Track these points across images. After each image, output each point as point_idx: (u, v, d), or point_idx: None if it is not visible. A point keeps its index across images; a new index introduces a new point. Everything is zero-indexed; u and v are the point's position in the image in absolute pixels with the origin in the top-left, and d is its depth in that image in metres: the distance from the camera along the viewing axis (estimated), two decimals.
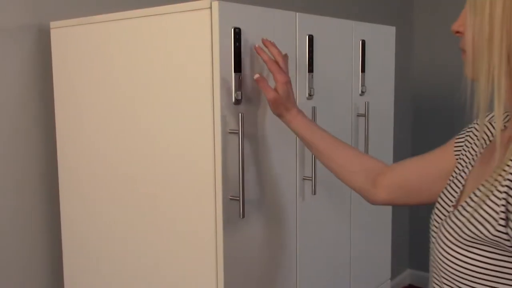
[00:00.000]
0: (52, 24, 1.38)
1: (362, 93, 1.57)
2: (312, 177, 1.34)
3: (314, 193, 1.35)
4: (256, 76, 1.09)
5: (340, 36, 1.45)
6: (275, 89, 1.13)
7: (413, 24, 3.23)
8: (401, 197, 1.08)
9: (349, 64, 1.51)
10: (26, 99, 1.43)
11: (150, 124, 1.20)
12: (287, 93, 1.13)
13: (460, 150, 0.97)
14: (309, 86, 1.34)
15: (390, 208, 1.78)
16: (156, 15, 1.16)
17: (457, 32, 0.80)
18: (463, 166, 0.91)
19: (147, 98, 1.20)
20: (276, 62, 1.14)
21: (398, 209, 3.14)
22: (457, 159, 0.97)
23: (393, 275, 3.20)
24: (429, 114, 3.20)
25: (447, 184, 0.92)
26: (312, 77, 1.34)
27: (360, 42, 1.53)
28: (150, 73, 1.19)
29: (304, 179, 1.35)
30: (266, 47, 1.15)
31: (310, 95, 1.34)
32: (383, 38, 1.66)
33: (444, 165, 1.00)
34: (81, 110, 1.35)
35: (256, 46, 1.11)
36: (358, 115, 1.56)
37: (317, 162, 1.38)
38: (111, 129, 1.28)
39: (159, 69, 1.17)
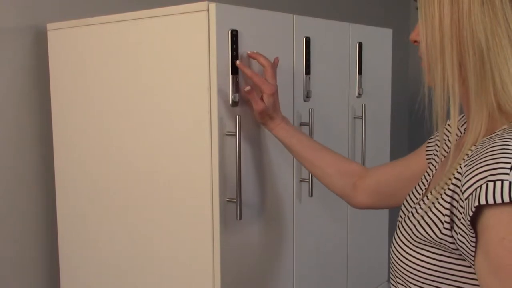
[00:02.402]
0: (49, 25, 1.38)
1: (359, 95, 1.57)
2: (309, 179, 1.34)
3: (311, 195, 1.36)
4: (247, 88, 1.10)
5: (337, 38, 1.46)
6: (262, 99, 1.13)
7: (410, 26, 3.23)
8: (380, 200, 1.12)
9: (346, 66, 1.51)
10: (22, 100, 1.42)
11: (147, 126, 1.20)
12: (273, 104, 1.14)
13: (431, 153, 1.00)
14: (306, 88, 1.34)
15: (386, 210, 1.78)
16: (153, 17, 1.16)
17: (415, 41, 0.83)
18: (430, 169, 0.94)
19: (144, 100, 1.20)
20: (259, 73, 1.14)
21: (395, 211, 3.15)
22: (428, 162, 1.00)
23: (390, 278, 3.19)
24: (425, 116, 3.20)
25: (415, 185, 0.95)
26: (309, 79, 1.35)
27: (357, 44, 1.53)
28: (147, 75, 1.18)
29: (301, 181, 1.35)
30: (254, 59, 1.14)
31: (307, 97, 1.34)
32: (380, 41, 1.67)
33: (417, 168, 1.04)
34: (78, 111, 1.34)
35: (238, 63, 1.10)
36: (355, 117, 1.56)
37: None
38: (108, 130, 1.28)
39: (156, 71, 1.17)
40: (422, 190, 0.90)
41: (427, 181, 0.91)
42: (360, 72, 1.56)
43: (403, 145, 3.22)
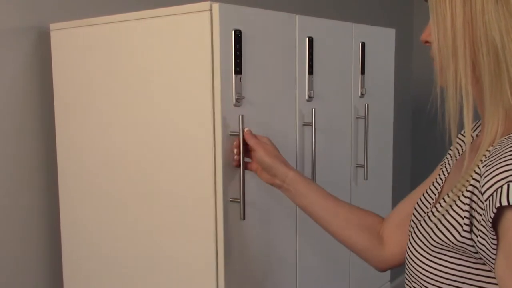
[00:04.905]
0: (52, 26, 1.38)
1: (362, 95, 1.57)
2: (311, 179, 1.34)
3: None
4: (234, 163, 1.11)
5: (340, 38, 1.45)
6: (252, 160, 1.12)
7: (413, 26, 3.23)
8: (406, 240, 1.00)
9: (349, 66, 1.51)
10: (26, 100, 1.43)
11: (150, 126, 1.20)
12: (274, 163, 1.09)
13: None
14: (309, 89, 1.34)
15: (388, 208, 1.78)
16: (156, 17, 1.16)
17: (426, 42, 0.81)
18: (443, 172, 0.92)
19: (147, 100, 1.20)
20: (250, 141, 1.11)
21: None
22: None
23: (393, 278, 3.20)
24: (428, 116, 3.20)
25: (427, 189, 0.92)
26: (312, 79, 1.35)
27: (360, 44, 1.53)
28: (150, 75, 1.19)
29: None
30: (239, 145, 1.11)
31: (310, 97, 1.34)
32: (383, 40, 1.66)
33: None
34: (80, 111, 1.34)
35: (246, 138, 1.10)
36: (357, 117, 1.56)
37: (316, 163, 1.38)
38: (111, 131, 1.28)
39: (159, 71, 1.17)
40: (435, 195, 0.88)
41: (439, 185, 0.89)
42: (363, 72, 1.56)
43: (406, 145, 3.22)
